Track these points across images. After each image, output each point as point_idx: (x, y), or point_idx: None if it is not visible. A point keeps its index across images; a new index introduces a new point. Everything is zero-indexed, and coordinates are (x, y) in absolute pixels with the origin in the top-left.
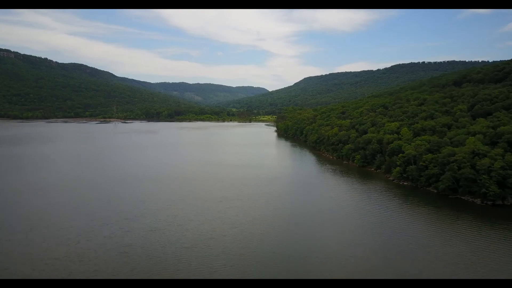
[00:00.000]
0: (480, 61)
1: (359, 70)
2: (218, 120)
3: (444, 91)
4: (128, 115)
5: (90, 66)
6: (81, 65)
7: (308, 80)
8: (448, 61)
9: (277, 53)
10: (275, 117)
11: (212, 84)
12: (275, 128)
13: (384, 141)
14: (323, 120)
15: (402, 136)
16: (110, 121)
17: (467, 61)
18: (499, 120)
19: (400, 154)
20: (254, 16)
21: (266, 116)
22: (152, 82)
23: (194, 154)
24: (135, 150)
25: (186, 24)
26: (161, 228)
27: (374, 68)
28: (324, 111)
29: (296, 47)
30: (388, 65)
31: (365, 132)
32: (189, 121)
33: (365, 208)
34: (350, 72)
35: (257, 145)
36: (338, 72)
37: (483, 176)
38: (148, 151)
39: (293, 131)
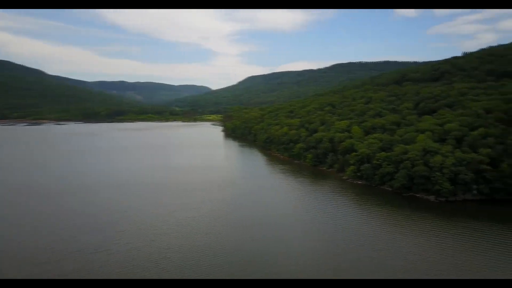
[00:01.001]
0: (411, 61)
1: (300, 69)
2: (161, 120)
3: (387, 89)
4: (63, 116)
5: (17, 63)
6: (7, 62)
7: (252, 79)
8: (383, 61)
9: (220, 52)
10: (221, 116)
11: (154, 82)
12: (222, 128)
13: (336, 140)
14: (271, 119)
15: (353, 134)
16: (42, 122)
17: (399, 61)
18: (445, 118)
19: (353, 153)
20: (197, 14)
21: (211, 115)
22: (89, 80)
23: (138, 159)
24: (68, 156)
25: (125, 20)
26: (106, 248)
27: (315, 68)
28: (272, 110)
29: (239, 46)
30: (328, 64)
31: (316, 131)
32: (130, 122)
33: (320, 210)
34: (293, 72)
35: (205, 146)
36: (280, 72)
37: (436, 173)
38: (85, 157)
39: (241, 131)
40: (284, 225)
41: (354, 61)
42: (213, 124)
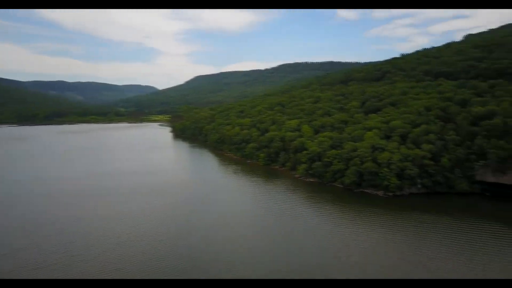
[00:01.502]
0: (354, 62)
1: (248, 69)
2: (105, 121)
3: (334, 89)
4: None
5: None
6: None
7: (199, 79)
8: (327, 61)
9: (166, 51)
10: (168, 117)
11: (96, 82)
12: (170, 129)
13: (287, 139)
14: (222, 119)
15: (303, 133)
16: None
17: (343, 61)
18: (389, 116)
19: (305, 151)
20: (139, 12)
21: (158, 115)
22: (23, 80)
23: (81, 164)
24: None
25: (63, 18)
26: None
27: (262, 68)
28: (222, 110)
29: (186, 45)
30: (275, 64)
31: (267, 131)
32: (72, 124)
33: (274, 209)
34: (240, 72)
35: (153, 148)
36: (228, 71)
37: (384, 169)
38: (16, 164)
39: (191, 131)
40: (238, 225)
41: (300, 61)
42: (161, 125)
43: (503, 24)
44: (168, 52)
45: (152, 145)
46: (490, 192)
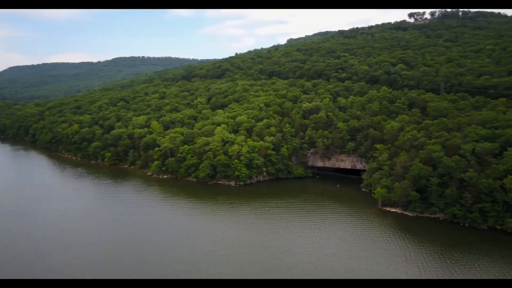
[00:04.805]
0: (192, 58)
1: (77, 61)
2: None
3: (179, 85)
4: None
5: None
6: None
7: (15, 70)
8: (166, 57)
9: None
10: None
11: None
12: None
13: (136, 136)
14: (55, 116)
15: (153, 129)
16: None
17: (180, 58)
18: (235, 111)
19: (156, 148)
20: None
21: None
22: None
23: None
24: None
25: None
26: None
27: (95, 60)
28: (53, 106)
29: None
30: (109, 57)
31: (112, 128)
32: None
33: (123, 212)
34: (68, 63)
35: None
36: (53, 63)
37: (235, 160)
38: None
39: (14, 131)
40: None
41: (136, 55)
42: None
43: (315, 32)
44: None
45: None
46: (319, 175)
